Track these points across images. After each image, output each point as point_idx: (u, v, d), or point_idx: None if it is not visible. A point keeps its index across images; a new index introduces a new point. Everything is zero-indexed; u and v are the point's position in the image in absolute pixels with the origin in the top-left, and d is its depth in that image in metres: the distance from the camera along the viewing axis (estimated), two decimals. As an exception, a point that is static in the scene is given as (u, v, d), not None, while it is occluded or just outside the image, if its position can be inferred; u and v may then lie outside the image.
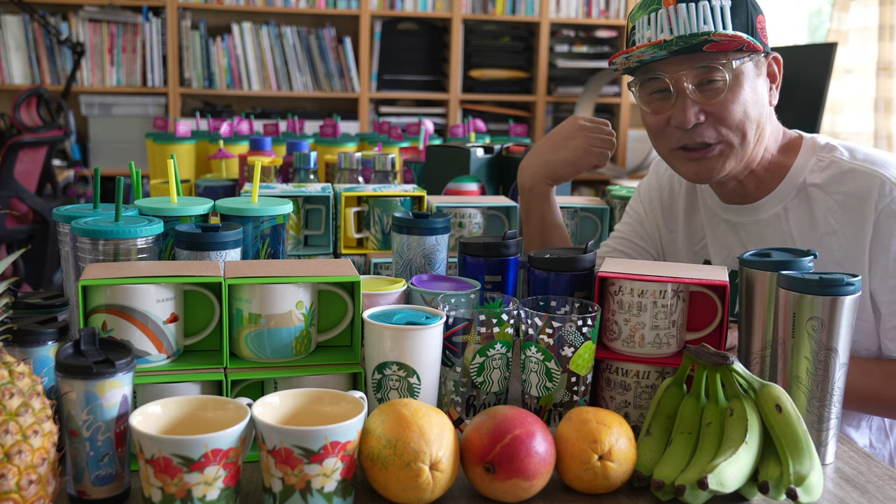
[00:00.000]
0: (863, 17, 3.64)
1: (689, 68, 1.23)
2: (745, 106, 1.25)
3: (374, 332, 0.96)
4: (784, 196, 1.32)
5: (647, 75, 1.27)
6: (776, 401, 0.90)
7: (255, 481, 0.89)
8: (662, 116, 1.28)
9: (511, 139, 2.12)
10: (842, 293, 0.95)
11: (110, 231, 1.03)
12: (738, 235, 1.37)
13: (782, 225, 1.32)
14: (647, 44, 1.21)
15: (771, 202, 1.33)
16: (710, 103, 1.24)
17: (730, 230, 1.38)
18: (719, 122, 1.25)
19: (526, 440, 0.85)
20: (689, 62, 1.23)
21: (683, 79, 1.24)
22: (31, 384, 0.77)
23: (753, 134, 1.27)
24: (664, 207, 1.50)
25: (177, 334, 0.97)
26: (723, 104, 1.24)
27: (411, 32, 4.50)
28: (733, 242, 1.38)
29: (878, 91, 3.50)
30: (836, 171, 1.29)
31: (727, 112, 1.24)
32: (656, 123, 1.29)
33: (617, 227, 1.55)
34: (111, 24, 4.12)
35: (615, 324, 1.04)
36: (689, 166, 1.30)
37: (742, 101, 1.24)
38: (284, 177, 1.76)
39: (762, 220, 1.34)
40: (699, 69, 1.23)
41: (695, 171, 1.30)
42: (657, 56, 1.24)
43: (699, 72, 1.23)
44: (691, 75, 1.24)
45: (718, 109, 1.24)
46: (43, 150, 3.37)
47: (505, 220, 1.41)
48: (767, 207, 1.34)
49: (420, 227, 1.18)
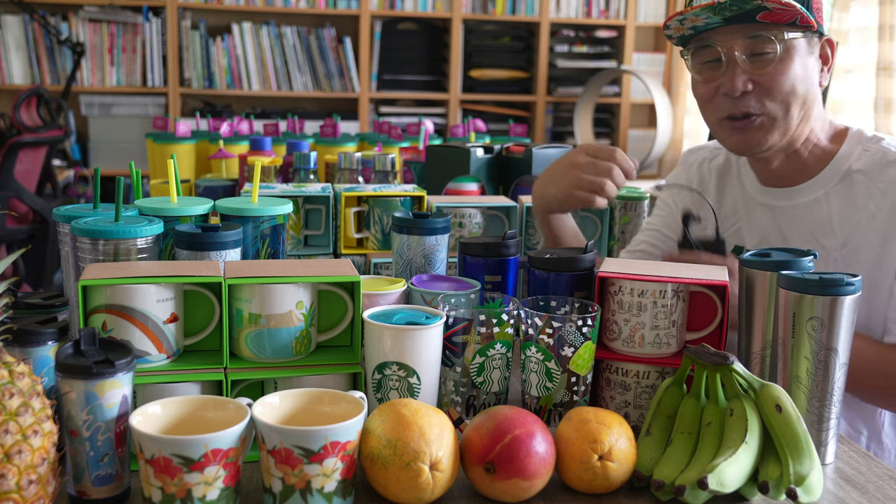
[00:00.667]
0: (863, 17, 3.63)
1: (742, 38, 1.26)
2: (793, 80, 1.27)
3: (374, 332, 0.96)
4: (826, 182, 1.34)
5: (700, 44, 1.30)
6: (776, 401, 0.90)
7: (255, 481, 0.89)
8: (712, 85, 1.31)
9: (511, 139, 2.12)
10: (842, 293, 0.95)
11: (110, 231, 1.03)
12: (775, 219, 1.39)
13: (822, 209, 1.34)
14: (702, 5, 1.23)
15: (812, 187, 1.35)
16: (758, 73, 1.27)
17: (766, 213, 1.40)
18: (765, 93, 1.28)
19: (526, 440, 0.85)
20: (742, 31, 1.26)
21: (735, 48, 1.27)
22: (31, 384, 0.77)
23: (798, 110, 1.29)
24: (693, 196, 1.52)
25: (177, 334, 0.97)
26: (771, 75, 1.27)
27: (411, 32, 4.50)
28: (768, 225, 1.40)
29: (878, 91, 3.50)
30: (882, 159, 1.31)
31: (774, 84, 1.27)
32: (706, 92, 1.32)
33: (648, 220, 1.58)
34: (111, 24, 4.12)
35: (615, 324, 1.04)
36: (733, 137, 1.33)
37: (791, 76, 1.27)
38: (284, 177, 1.76)
39: (801, 205, 1.36)
40: (751, 39, 1.26)
41: (738, 143, 1.33)
42: (711, 23, 1.26)
43: (751, 42, 1.26)
44: (743, 45, 1.27)
45: (766, 80, 1.27)
46: (43, 150, 3.37)
47: (505, 220, 1.41)
48: (808, 192, 1.36)
49: (420, 227, 1.18)
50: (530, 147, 1.60)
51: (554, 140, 4.68)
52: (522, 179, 1.61)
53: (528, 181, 1.61)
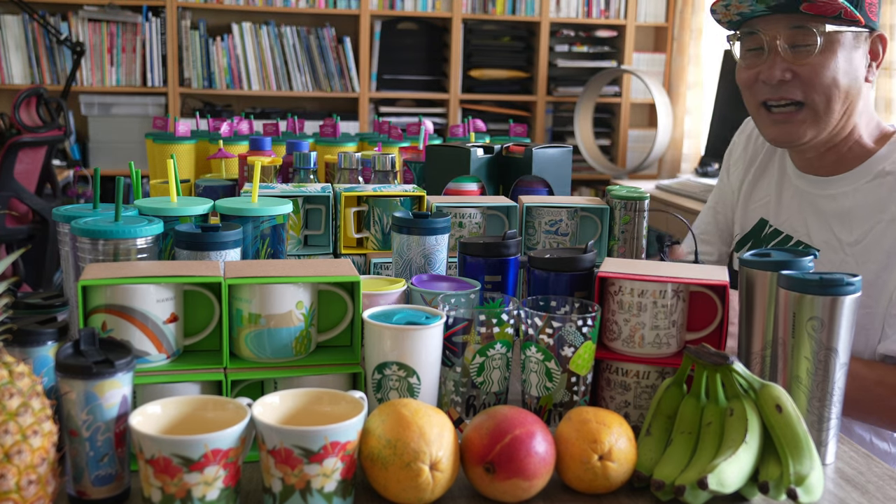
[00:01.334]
0: (863, 17, 3.64)
1: (785, 27, 1.28)
2: (834, 73, 1.28)
3: (374, 332, 0.95)
4: (858, 178, 1.35)
5: (746, 30, 1.33)
6: (776, 401, 0.90)
7: (255, 481, 0.89)
8: (753, 71, 1.33)
9: (511, 139, 2.12)
10: (842, 293, 0.95)
11: (110, 231, 1.03)
12: (801, 203, 1.41)
13: (846, 203, 1.35)
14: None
15: (843, 181, 1.36)
16: (799, 63, 1.28)
17: (795, 196, 1.42)
18: (806, 83, 1.29)
19: (526, 440, 0.85)
20: (785, 21, 1.28)
21: (777, 36, 1.28)
22: (30, 384, 0.77)
23: (840, 104, 1.30)
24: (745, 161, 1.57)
25: (177, 334, 0.97)
26: (811, 66, 1.27)
27: (411, 32, 4.50)
28: (794, 208, 1.42)
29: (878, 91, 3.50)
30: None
31: (814, 75, 1.28)
32: (747, 77, 1.35)
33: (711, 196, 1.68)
34: (111, 23, 4.12)
35: (615, 324, 1.04)
36: (771, 128, 1.35)
37: (832, 68, 1.27)
38: (284, 177, 1.76)
39: (829, 195, 1.37)
40: (794, 29, 1.27)
41: (777, 134, 1.35)
42: (756, 11, 1.29)
43: (793, 31, 1.28)
44: (785, 34, 1.28)
45: (806, 71, 1.28)
46: (43, 150, 3.36)
47: (505, 220, 1.41)
48: (838, 185, 1.37)
49: (420, 227, 1.18)
50: (530, 147, 1.59)
51: (554, 140, 4.68)
52: (522, 179, 1.61)
53: (527, 181, 1.61)
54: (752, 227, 1.50)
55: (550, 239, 1.39)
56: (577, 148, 4.54)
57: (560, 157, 1.62)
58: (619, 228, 1.39)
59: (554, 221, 1.39)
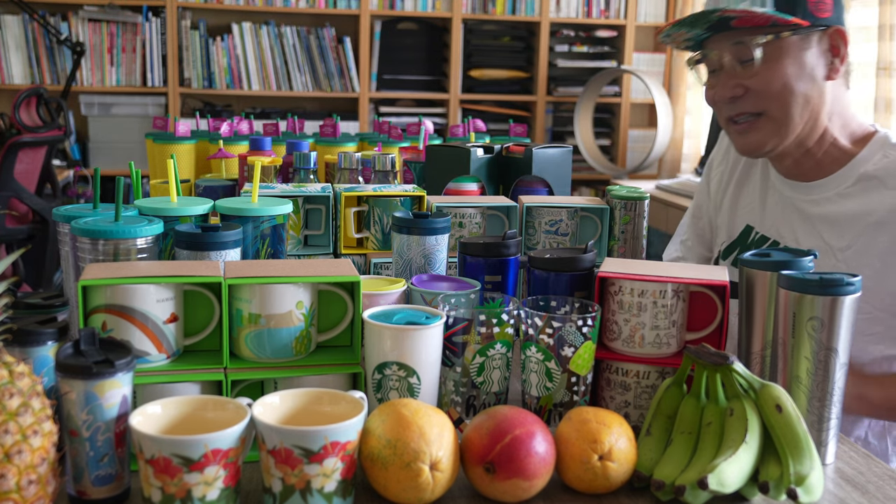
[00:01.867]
0: (863, 17, 3.63)
1: (728, 45, 1.30)
2: (784, 80, 1.28)
3: (374, 332, 0.95)
4: (841, 182, 1.34)
5: (699, 54, 1.36)
6: (776, 401, 0.90)
7: (255, 481, 0.89)
8: (711, 91, 1.36)
9: (511, 139, 2.12)
10: (842, 293, 0.95)
11: (110, 231, 1.03)
12: (787, 208, 1.41)
13: (832, 209, 1.34)
14: (671, 22, 1.30)
15: (825, 186, 1.36)
16: (747, 77, 1.30)
17: (781, 201, 1.43)
18: (758, 95, 1.30)
19: (526, 440, 0.85)
20: (726, 39, 1.30)
21: (724, 55, 1.31)
22: (30, 384, 0.77)
23: (799, 108, 1.30)
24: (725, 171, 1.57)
25: (177, 334, 0.97)
26: (759, 78, 1.29)
27: (411, 32, 4.50)
28: (780, 213, 1.42)
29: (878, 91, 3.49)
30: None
31: (764, 85, 1.29)
32: (710, 98, 1.37)
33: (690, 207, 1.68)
34: (111, 23, 4.12)
35: (615, 324, 1.04)
36: (737, 139, 1.37)
37: (782, 75, 1.28)
38: (284, 177, 1.76)
39: (814, 201, 1.37)
40: (735, 45, 1.29)
41: (743, 144, 1.36)
42: (699, 35, 1.32)
43: (735, 48, 1.30)
44: (730, 51, 1.30)
45: (756, 83, 1.29)
46: (43, 150, 3.36)
47: (505, 220, 1.41)
48: (821, 190, 1.37)
49: (420, 227, 1.18)
50: (530, 147, 1.59)
51: (554, 140, 4.68)
52: (522, 179, 1.61)
53: (527, 181, 1.61)
54: (738, 234, 1.49)
55: (550, 239, 1.39)
56: (577, 148, 4.54)
57: (560, 157, 1.62)
58: (619, 228, 1.39)
59: (554, 221, 1.39)
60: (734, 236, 1.50)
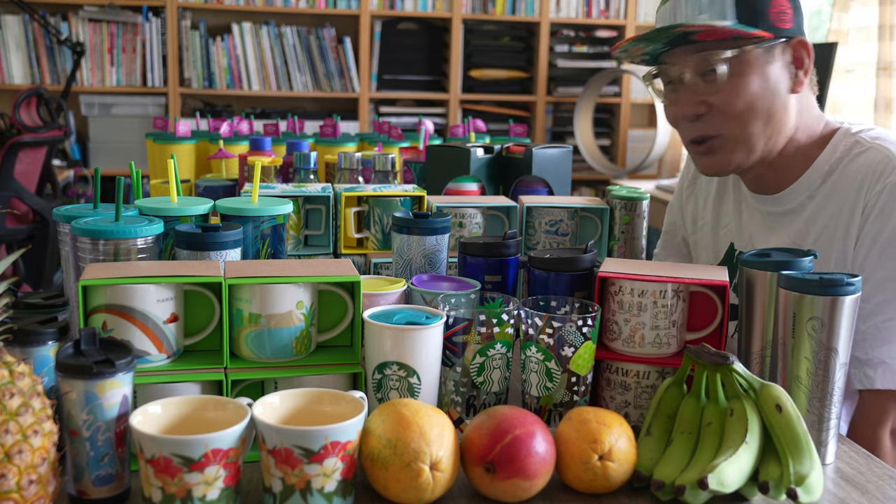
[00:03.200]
0: (863, 17, 3.63)
1: (688, 58, 1.24)
2: (749, 97, 1.23)
3: (375, 332, 0.96)
4: (810, 185, 1.30)
5: (657, 68, 1.29)
6: (776, 401, 0.90)
7: (255, 481, 0.89)
8: (674, 108, 1.30)
9: (511, 139, 2.12)
10: (842, 293, 0.95)
11: (110, 231, 1.03)
12: (764, 222, 1.37)
13: (809, 212, 1.30)
14: (631, 38, 1.24)
15: (794, 192, 1.32)
16: (711, 94, 1.24)
17: (756, 216, 1.39)
18: (720, 113, 1.24)
19: (526, 440, 0.85)
20: (687, 53, 1.24)
21: (685, 70, 1.24)
22: (31, 384, 0.77)
23: (760, 126, 1.25)
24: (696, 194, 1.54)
25: (177, 334, 0.97)
26: (723, 96, 1.23)
27: (411, 32, 4.50)
28: (757, 229, 1.38)
29: (878, 91, 3.50)
30: (852, 150, 1.27)
31: (727, 104, 1.23)
32: (672, 116, 1.31)
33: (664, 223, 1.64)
34: (111, 24, 4.12)
35: (615, 324, 1.04)
36: (700, 161, 1.32)
37: (746, 93, 1.23)
38: (284, 177, 1.76)
39: (787, 210, 1.33)
40: (695, 59, 1.23)
41: (706, 166, 1.31)
42: (657, 49, 1.25)
43: (698, 62, 1.23)
44: (692, 65, 1.24)
45: (719, 101, 1.24)
46: (43, 150, 3.37)
47: (505, 220, 1.41)
48: (792, 197, 1.32)
49: (420, 227, 1.18)
50: (530, 147, 1.60)
51: (554, 140, 4.68)
52: (522, 179, 1.61)
53: (527, 181, 1.61)
54: (724, 253, 1.46)
55: (550, 239, 1.39)
56: (577, 148, 4.55)
57: (560, 157, 1.62)
58: (619, 228, 1.39)
59: (554, 221, 1.39)
60: (720, 256, 1.46)
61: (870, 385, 1.21)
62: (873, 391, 1.22)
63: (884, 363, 1.20)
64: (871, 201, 1.22)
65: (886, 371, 1.20)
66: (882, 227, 1.21)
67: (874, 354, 1.21)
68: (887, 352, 1.20)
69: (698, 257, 1.55)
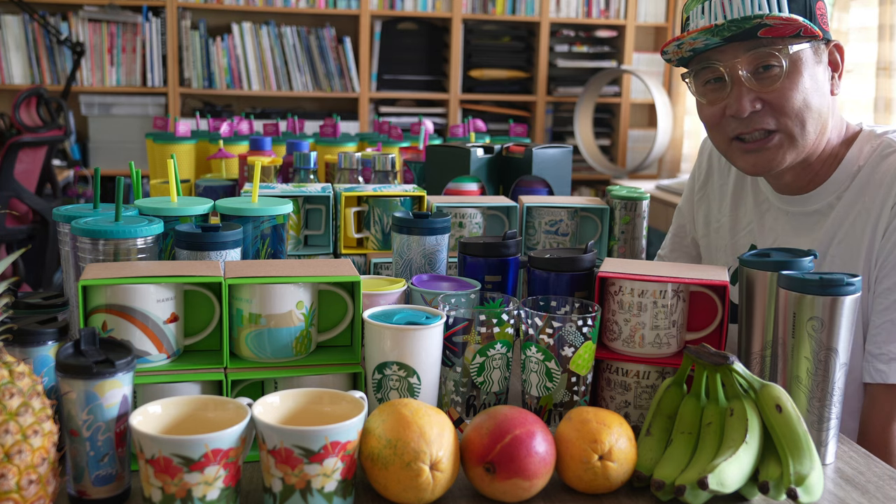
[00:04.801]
0: (863, 17, 3.63)
1: (744, 54, 1.21)
2: (804, 94, 1.22)
3: (375, 332, 0.96)
4: (838, 186, 1.30)
5: (700, 65, 1.26)
6: (776, 401, 0.90)
7: (255, 481, 0.89)
8: (718, 107, 1.26)
9: (511, 139, 2.12)
10: (842, 293, 0.95)
11: (110, 231, 1.03)
12: (790, 223, 1.36)
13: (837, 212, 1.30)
14: (698, 29, 1.19)
15: (822, 193, 1.32)
16: (766, 91, 1.22)
17: (780, 216, 1.38)
18: (777, 110, 1.23)
19: (526, 440, 0.85)
20: (743, 48, 1.21)
21: (738, 66, 1.21)
22: (31, 384, 0.77)
23: (814, 124, 1.24)
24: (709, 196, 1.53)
25: (177, 334, 0.97)
26: (780, 91, 1.21)
27: (411, 32, 4.50)
28: (783, 228, 1.37)
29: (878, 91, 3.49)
30: (884, 151, 1.27)
31: (785, 100, 1.22)
32: (712, 115, 1.28)
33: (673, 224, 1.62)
34: (111, 24, 4.12)
35: (615, 324, 1.04)
36: (746, 158, 1.28)
37: (801, 89, 1.21)
38: (284, 177, 1.76)
39: (815, 211, 1.33)
40: (754, 55, 1.21)
41: (753, 164, 1.28)
42: (710, 44, 1.22)
43: (754, 58, 1.21)
44: (746, 62, 1.21)
45: (776, 97, 1.22)
46: (43, 150, 3.37)
47: (505, 220, 1.41)
48: (819, 198, 1.32)
49: (420, 227, 1.18)
50: (530, 147, 1.60)
51: (554, 140, 4.68)
52: (522, 179, 1.61)
53: (527, 181, 1.61)
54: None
55: (550, 239, 1.39)
56: (577, 148, 4.55)
57: (560, 157, 1.62)
58: (619, 228, 1.39)
59: (554, 221, 1.39)
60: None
61: (882, 380, 1.21)
62: (885, 385, 1.22)
63: (891, 360, 1.21)
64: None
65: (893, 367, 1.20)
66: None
67: (888, 349, 1.22)
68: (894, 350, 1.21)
69: (714, 260, 1.53)
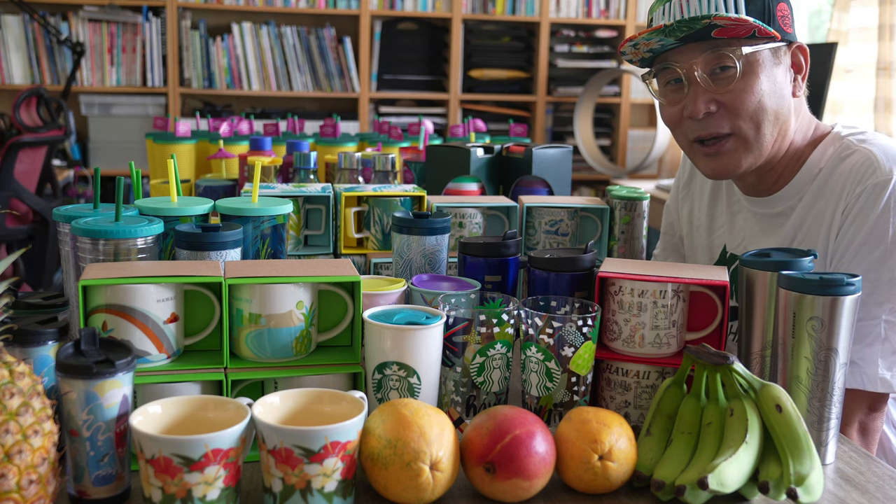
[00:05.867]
0: (863, 17, 3.63)
1: (700, 55, 1.22)
2: (759, 96, 1.22)
3: (375, 332, 0.96)
4: (800, 187, 1.30)
5: (660, 66, 1.27)
6: (776, 401, 0.90)
7: (255, 481, 0.89)
8: (677, 108, 1.27)
9: (511, 139, 2.12)
10: (842, 293, 0.95)
11: (110, 231, 1.03)
12: (759, 224, 1.37)
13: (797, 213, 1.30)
14: (649, 30, 1.20)
15: (786, 194, 1.32)
16: (721, 92, 1.22)
17: (750, 218, 1.39)
18: (731, 112, 1.23)
19: (526, 440, 0.85)
20: (699, 49, 1.22)
21: (695, 67, 1.22)
22: (31, 384, 0.77)
23: (770, 127, 1.24)
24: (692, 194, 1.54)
25: (177, 334, 0.97)
26: (735, 93, 1.22)
27: (411, 32, 4.50)
28: (751, 230, 1.38)
29: (878, 91, 3.50)
30: (842, 153, 1.27)
31: (739, 101, 1.22)
32: (672, 115, 1.29)
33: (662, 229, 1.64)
34: (111, 24, 4.12)
35: (615, 324, 1.04)
36: (706, 162, 1.29)
37: (757, 91, 1.22)
38: (284, 177, 1.76)
39: (780, 213, 1.33)
40: (709, 56, 1.21)
41: (712, 168, 1.29)
42: (667, 45, 1.23)
43: (710, 59, 1.22)
44: (702, 63, 1.22)
45: (731, 99, 1.22)
46: (43, 150, 3.37)
47: (505, 220, 1.41)
48: (783, 200, 1.33)
49: (420, 227, 1.18)
50: (530, 147, 1.60)
51: (554, 140, 4.68)
52: (522, 179, 1.61)
53: (527, 181, 1.61)
54: (718, 255, 1.46)
55: (550, 239, 1.39)
56: (577, 148, 4.55)
57: (560, 157, 1.62)
58: (619, 228, 1.39)
59: (554, 221, 1.39)
60: (715, 258, 1.47)
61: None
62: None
63: (852, 363, 1.20)
64: (850, 202, 1.23)
65: (854, 371, 1.20)
66: (859, 228, 1.22)
67: None
68: (856, 351, 1.20)
69: (695, 258, 1.54)
